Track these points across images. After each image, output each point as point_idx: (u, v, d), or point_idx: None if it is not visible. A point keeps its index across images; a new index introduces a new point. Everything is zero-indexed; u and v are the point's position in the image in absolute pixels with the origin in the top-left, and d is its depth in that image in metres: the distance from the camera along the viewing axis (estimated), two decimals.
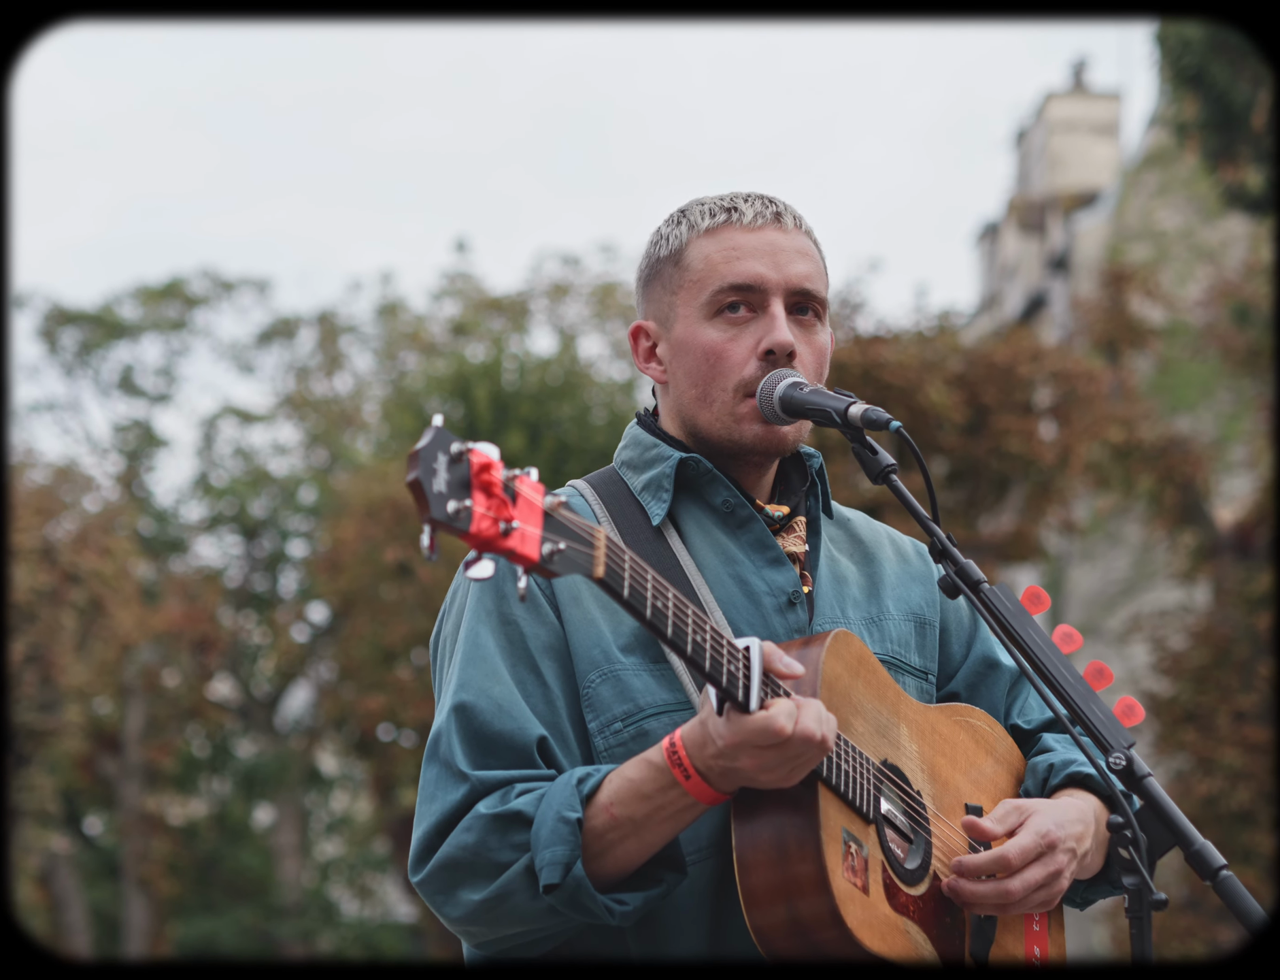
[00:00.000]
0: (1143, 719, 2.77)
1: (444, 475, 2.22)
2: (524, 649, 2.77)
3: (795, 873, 2.59)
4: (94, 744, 28.05)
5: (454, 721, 2.73)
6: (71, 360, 32.93)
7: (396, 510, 23.92)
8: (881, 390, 17.13)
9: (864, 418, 2.78)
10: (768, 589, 2.86)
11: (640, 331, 2.97)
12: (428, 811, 2.71)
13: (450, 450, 2.23)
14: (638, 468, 2.94)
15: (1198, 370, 24.21)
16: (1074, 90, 33.14)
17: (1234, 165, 17.41)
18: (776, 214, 2.92)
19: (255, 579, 32.15)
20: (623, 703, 2.76)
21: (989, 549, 18.13)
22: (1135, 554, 24.84)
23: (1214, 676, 17.57)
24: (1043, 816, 2.79)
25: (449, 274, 32.04)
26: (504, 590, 2.79)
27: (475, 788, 2.68)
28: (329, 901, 33.25)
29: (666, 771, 2.60)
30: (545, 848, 2.61)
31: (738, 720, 2.53)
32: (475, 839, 2.66)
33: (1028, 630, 2.75)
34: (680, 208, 2.97)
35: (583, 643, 2.78)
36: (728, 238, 2.90)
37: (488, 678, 2.74)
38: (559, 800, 2.63)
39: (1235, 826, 16.68)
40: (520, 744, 2.71)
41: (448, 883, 2.68)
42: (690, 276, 2.90)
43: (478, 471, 2.24)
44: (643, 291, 2.98)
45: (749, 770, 2.56)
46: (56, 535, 22.16)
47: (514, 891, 2.64)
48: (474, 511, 2.23)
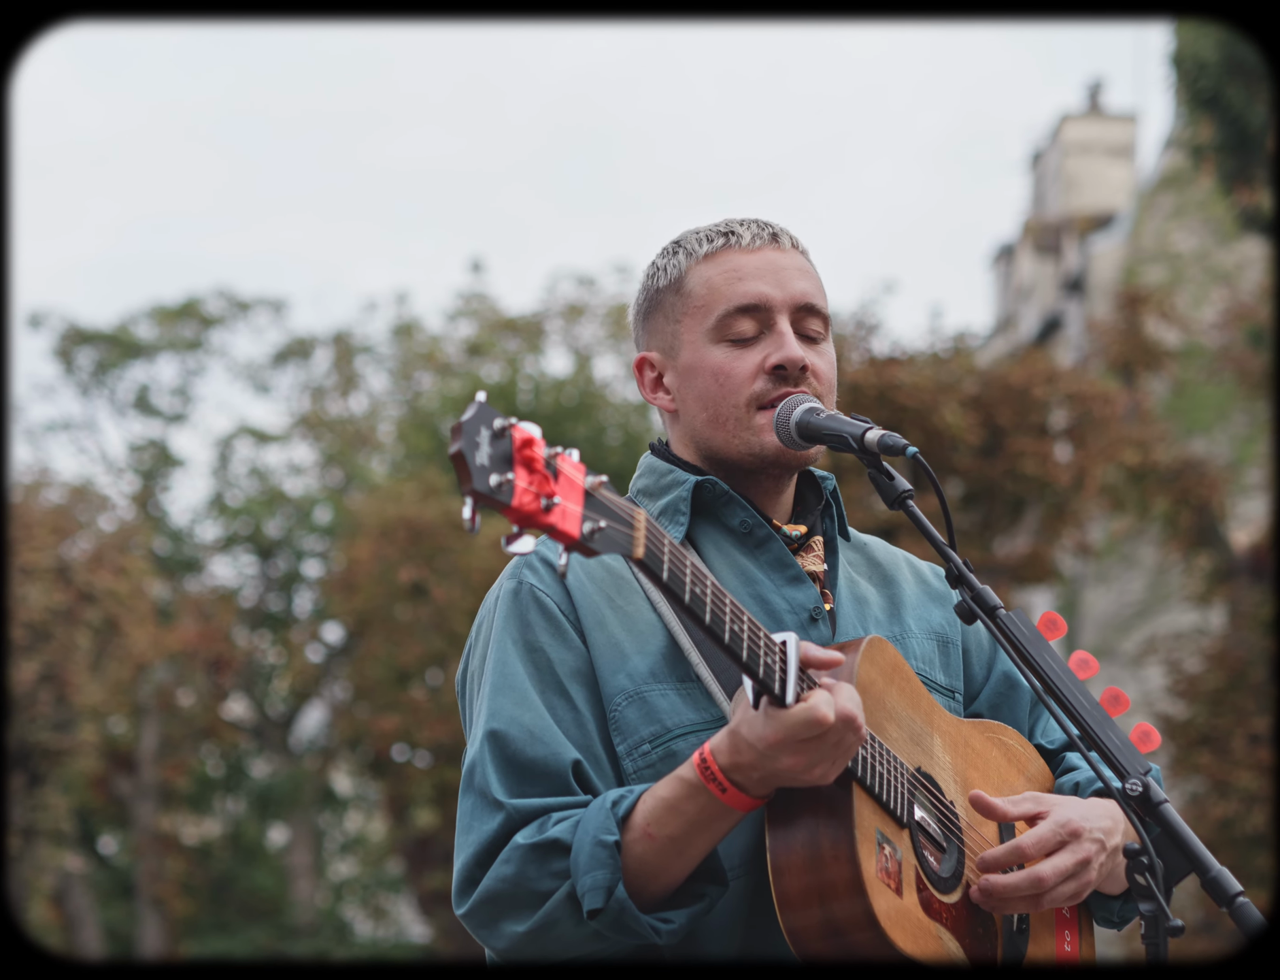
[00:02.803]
0: (1159, 745, 2.76)
1: (486, 449, 2.21)
2: (552, 675, 2.77)
3: (829, 874, 2.58)
4: (108, 763, 28.07)
5: (487, 750, 2.72)
6: (87, 380, 32.97)
7: (411, 530, 23.93)
8: (896, 412, 17.13)
9: (880, 443, 2.79)
10: (789, 607, 2.86)
11: (645, 363, 2.97)
12: (465, 842, 2.71)
13: (493, 425, 2.23)
14: (654, 494, 2.94)
15: (1213, 393, 24.20)
16: (1089, 112, 33.15)
17: (1249, 188, 17.41)
18: (773, 234, 2.93)
19: (270, 599, 32.17)
20: (649, 724, 2.75)
21: (1004, 571, 18.12)
22: (1150, 576, 24.80)
23: (1229, 699, 17.53)
24: (1065, 809, 2.78)
25: (464, 294, 32.10)
26: (528, 618, 2.80)
27: (511, 816, 2.67)
28: (343, 922, 33.23)
29: (700, 786, 2.59)
30: (585, 873, 2.60)
31: (777, 716, 2.52)
32: (515, 870, 2.65)
33: (1044, 656, 2.75)
34: (674, 240, 2.98)
35: (608, 667, 2.78)
36: (727, 261, 2.91)
37: (518, 705, 2.74)
38: (595, 825, 2.62)
39: (1250, 850, 16.64)
40: (555, 769, 2.71)
41: (491, 916, 2.67)
42: (694, 302, 2.91)
43: (520, 447, 2.24)
44: (642, 324, 2.99)
45: (791, 769, 2.55)
46: (72, 554, 22.18)
47: (558, 919, 2.63)
48: (516, 485, 2.22)
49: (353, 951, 31.26)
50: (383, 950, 31.48)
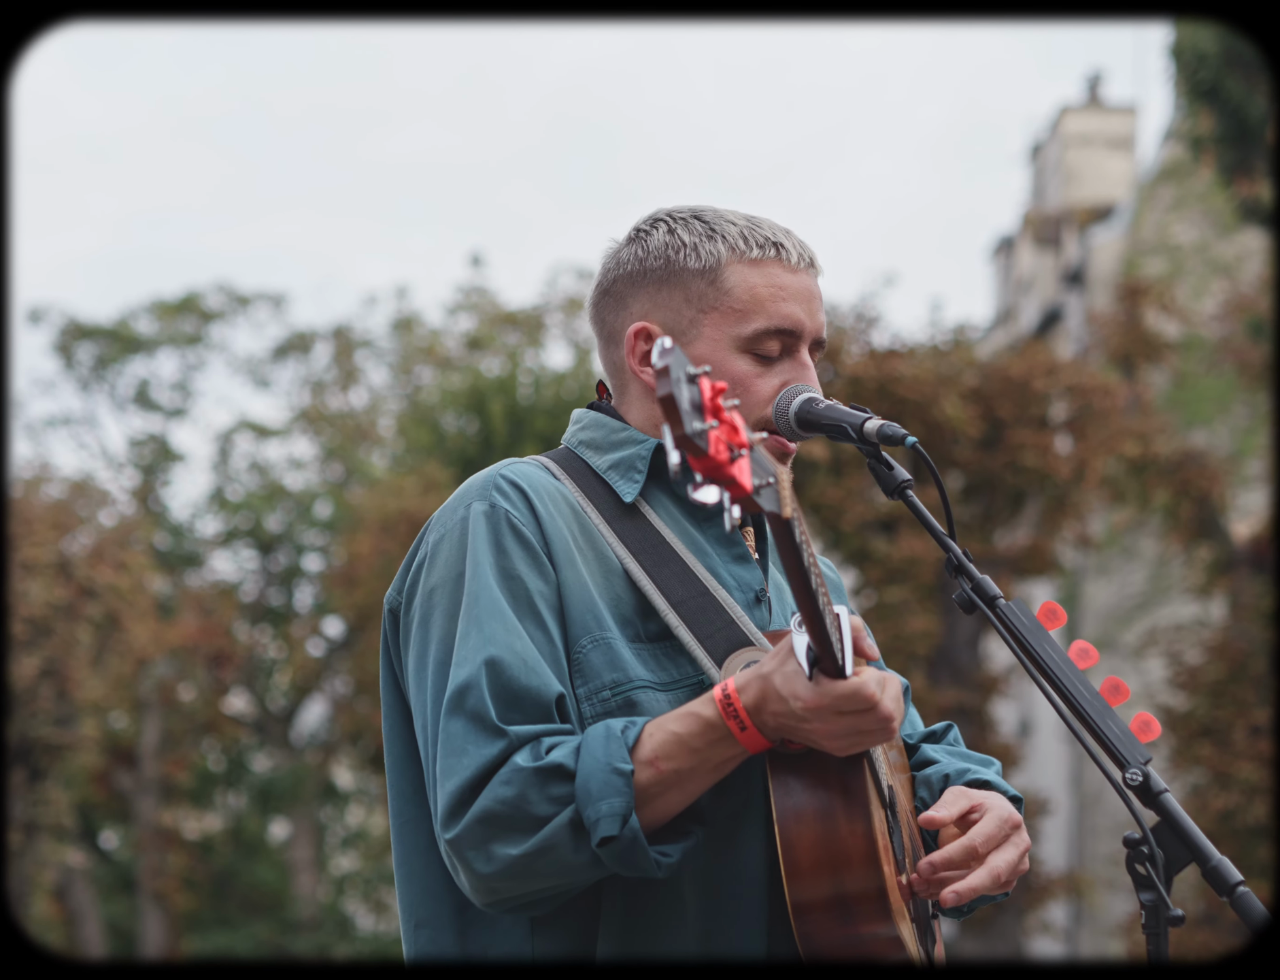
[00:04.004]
0: (1159, 735, 2.76)
1: (686, 394, 2.21)
2: (530, 605, 2.74)
3: (845, 847, 2.60)
4: (110, 758, 28.09)
5: (485, 674, 2.68)
6: (87, 375, 32.99)
7: (412, 524, 23.92)
8: (896, 404, 17.12)
9: (880, 433, 2.79)
10: (736, 584, 2.85)
11: (642, 333, 2.90)
12: (458, 765, 2.66)
13: (687, 370, 2.23)
14: (602, 448, 2.91)
15: (1213, 384, 24.19)
16: (1089, 104, 33.11)
17: (1249, 179, 17.39)
18: (811, 259, 2.93)
19: (271, 593, 32.18)
20: (612, 671, 2.74)
21: (1004, 563, 18.11)
22: (1151, 568, 24.80)
23: (1230, 691, 17.54)
24: (996, 803, 2.83)
25: (464, 288, 32.09)
26: (504, 544, 2.76)
27: (512, 742, 2.65)
28: (344, 916, 33.24)
29: (720, 725, 2.60)
30: (599, 800, 2.59)
31: (826, 684, 2.54)
32: (515, 792, 2.62)
33: (1044, 646, 2.75)
34: (698, 216, 2.93)
35: (576, 606, 2.76)
36: (775, 275, 2.89)
37: (511, 633, 2.71)
38: (606, 752, 2.62)
39: (1251, 841, 16.64)
40: (544, 700, 2.69)
41: (483, 837, 2.64)
42: (730, 302, 2.87)
43: (712, 395, 2.24)
44: (641, 290, 2.92)
45: (819, 733, 2.58)
46: (72, 550, 22.17)
47: (555, 844, 2.61)
48: (711, 434, 2.22)
49: (355, 945, 31.29)
50: (384, 944, 31.49)
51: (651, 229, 2.94)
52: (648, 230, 2.94)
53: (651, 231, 2.94)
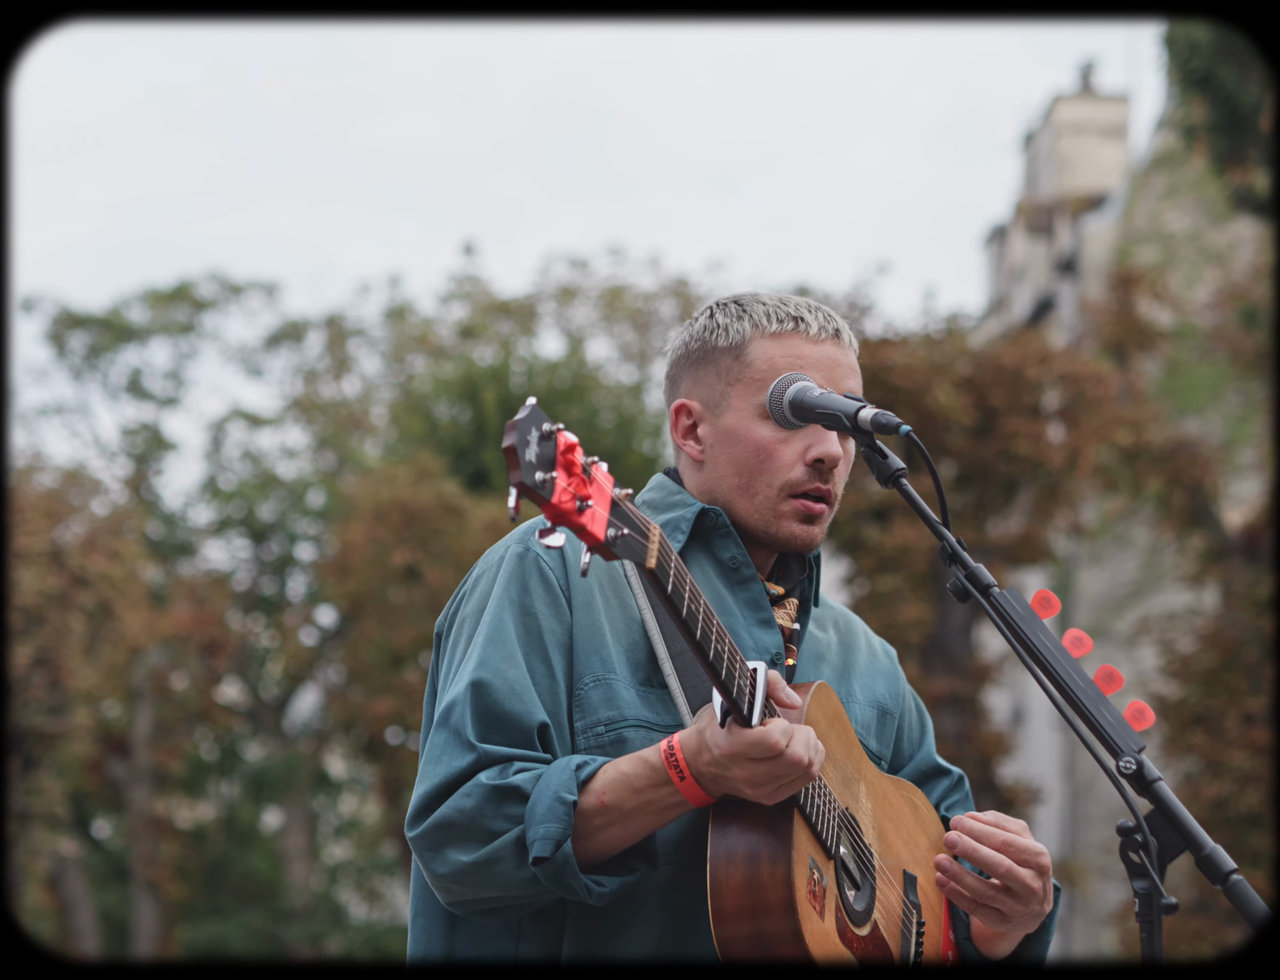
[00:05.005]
0: (1152, 723, 2.77)
1: (534, 448, 2.41)
2: (539, 640, 2.95)
3: (765, 893, 2.76)
4: (102, 747, 28.05)
5: (469, 695, 2.91)
6: (80, 363, 32.94)
7: (405, 513, 23.92)
8: (889, 393, 17.12)
9: (874, 422, 2.87)
10: (754, 646, 3.03)
11: (684, 409, 3.12)
12: (432, 772, 2.90)
13: (542, 427, 2.43)
14: (659, 509, 3.12)
15: (1206, 373, 24.20)
16: (1082, 93, 33.11)
17: (1242, 168, 17.40)
18: (836, 331, 3.10)
19: (263, 582, 32.16)
20: (609, 709, 2.94)
21: (997, 551, 18.13)
22: (1144, 557, 24.82)
23: (1222, 679, 17.56)
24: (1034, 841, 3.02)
25: (456, 277, 32.08)
26: (528, 584, 2.98)
27: (480, 759, 2.86)
28: (337, 904, 33.25)
29: (661, 771, 2.79)
30: (540, 823, 2.78)
31: (737, 732, 2.72)
32: (473, 805, 2.83)
33: (1038, 634, 2.76)
34: (737, 300, 3.13)
35: (585, 646, 2.97)
36: (793, 346, 3.06)
37: (505, 661, 2.92)
38: (557, 781, 2.81)
39: (1244, 829, 16.67)
40: (525, 726, 2.89)
41: (440, 841, 2.85)
42: (752, 373, 3.05)
43: (564, 450, 2.44)
44: (686, 371, 3.14)
45: (739, 780, 2.75)
46: (65, 539, 22.16)
47: (501, 858, 2.81)
48: (557, 485, 2.42)
49: (347, 935, 31.30)
50: (376, 934, 31.51)
51: (699, 316, 3.17)
52: (696, 318, 3.18)
53: (699, 318, 3.16)
